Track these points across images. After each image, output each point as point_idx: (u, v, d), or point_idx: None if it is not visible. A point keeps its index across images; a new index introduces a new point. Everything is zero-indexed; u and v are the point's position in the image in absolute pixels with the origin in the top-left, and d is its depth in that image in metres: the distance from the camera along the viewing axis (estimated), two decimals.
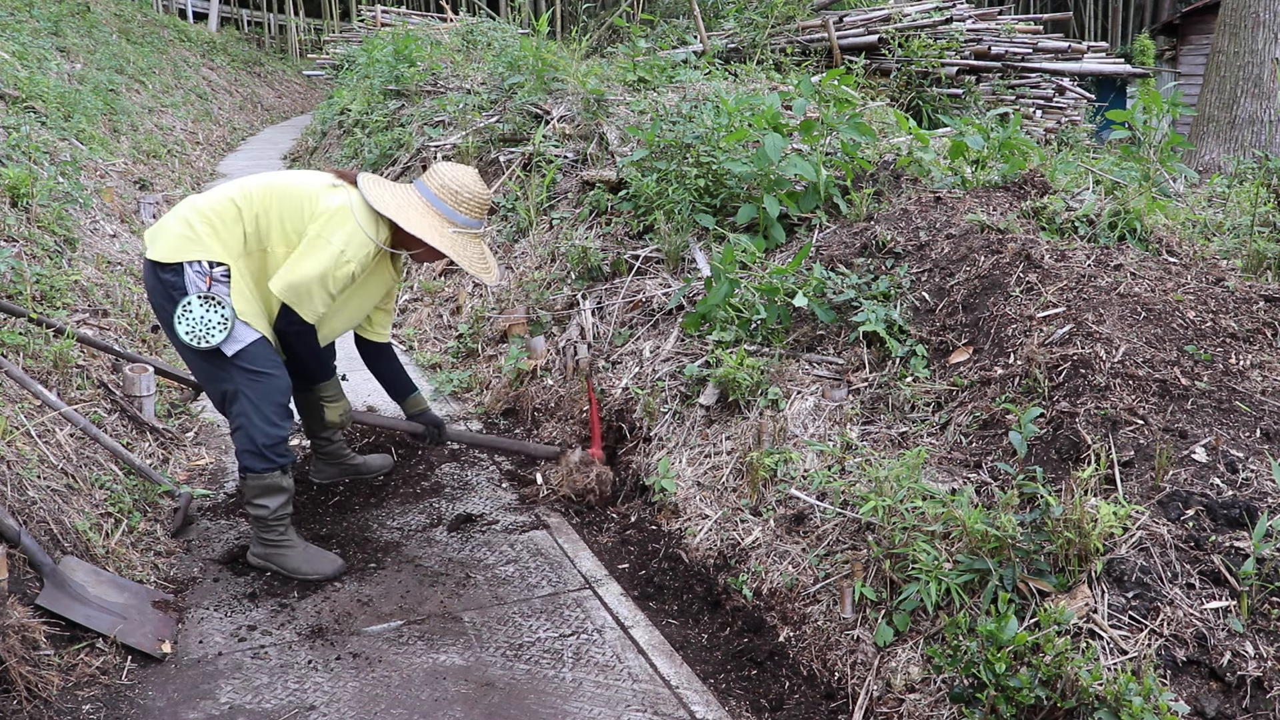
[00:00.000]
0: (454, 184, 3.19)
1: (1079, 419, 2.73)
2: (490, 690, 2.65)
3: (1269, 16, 9.11)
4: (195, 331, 3.00)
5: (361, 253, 3.08)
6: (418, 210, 3.17)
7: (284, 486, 3.17)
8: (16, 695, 2.38)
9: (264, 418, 3.08)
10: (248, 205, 3.09)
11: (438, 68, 9.28)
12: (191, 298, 3.00)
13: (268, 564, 3.22)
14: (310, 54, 21.75)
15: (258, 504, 3.14)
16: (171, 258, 3.02)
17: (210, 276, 3.01)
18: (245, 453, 3.11)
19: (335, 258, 3.03)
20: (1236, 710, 2.07)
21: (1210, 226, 4.44)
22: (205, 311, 2.99)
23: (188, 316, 3.00)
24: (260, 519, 3.16)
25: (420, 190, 3.22)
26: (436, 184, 3.20)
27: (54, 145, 6.54)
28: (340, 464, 3.89)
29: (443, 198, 3.18)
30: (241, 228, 3.08)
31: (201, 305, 3.00)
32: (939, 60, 8.77)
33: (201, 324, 3.00)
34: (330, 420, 3.43)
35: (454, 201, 3.18)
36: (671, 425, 3.82)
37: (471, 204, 3.20)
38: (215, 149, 12.83)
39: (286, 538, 3.22)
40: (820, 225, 4.34)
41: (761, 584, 3.01)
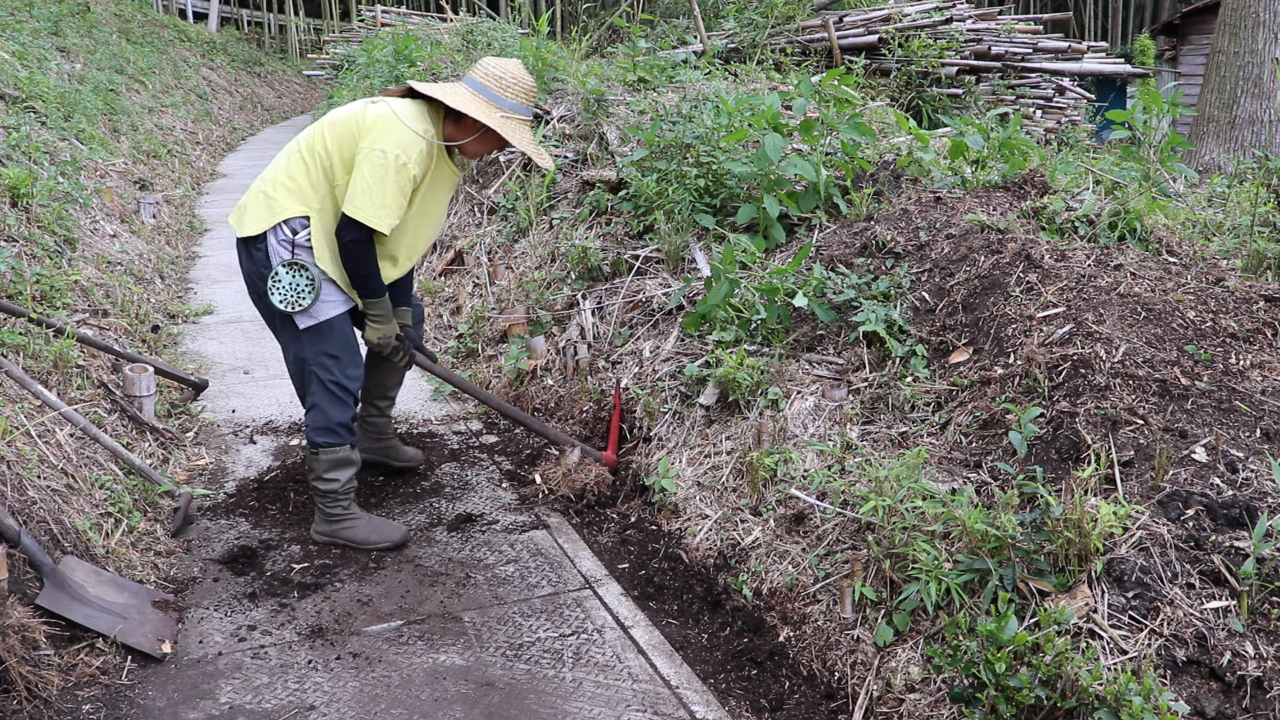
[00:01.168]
0: (498, 70, 3.23)
1: (1079, 419, 2.73)
2: (490, 690, 2.65)
3: (1269, 16, 9.11)
4: (287, 298, 3.15)
5: (414, 151, 3.10)
6: (464, 96, 3.21)
7: (353, 460, 3.35)
8: (16, 695, 2.38)
9: (334, 400, 3.26)
10: (310, 152, 3.19)
11: (438, 68, 9.27)
12: (277, 267, 3.13)
13: (334, 539, 3.36)
14: (310, 54, 21.75)
15: (328, 478, 3.31)
16: (258, 229, 3.16)
17: (293, 242, 3.15)
18: (317, 430, 3.28)
19: (392, 162, 3.07)
20: (1236, 710, 2.07)
21: (1210, 226, 4.44)
22: (292, 277, 3.13)
23: (278, 286, 3.14)
24: (330, 493, 3.33)
25: (467, 82, 3.27)
26: (481, 74, 3.25)
27: (54, 145, 6.54)
28: (377, 441, 3.90)
29: (488, 84, 3.22)
30: (309, 175, 3.17)
31: (288, 272, 3.13)
32: (939, 60, 8.76)
33: (291, 290, 3.14)
34: (367, 339, 3.33)
35: (499, 87, 3.21)
36: (671, 425, 3.82)
37: (517, 89, 3.23)
38: (215, 149, 12.83)
39: (351, 511, 3.38)
40: (820, 225, 4.34)
41: (761, 584, 3.01)
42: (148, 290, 5.90)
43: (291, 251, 3.15)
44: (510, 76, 3.23)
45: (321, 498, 3.36)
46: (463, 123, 3.26)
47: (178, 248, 7.54)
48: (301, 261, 3.14)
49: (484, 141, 3.29)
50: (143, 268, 6.21)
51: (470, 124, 3.24)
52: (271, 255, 3.17)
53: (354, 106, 3.25)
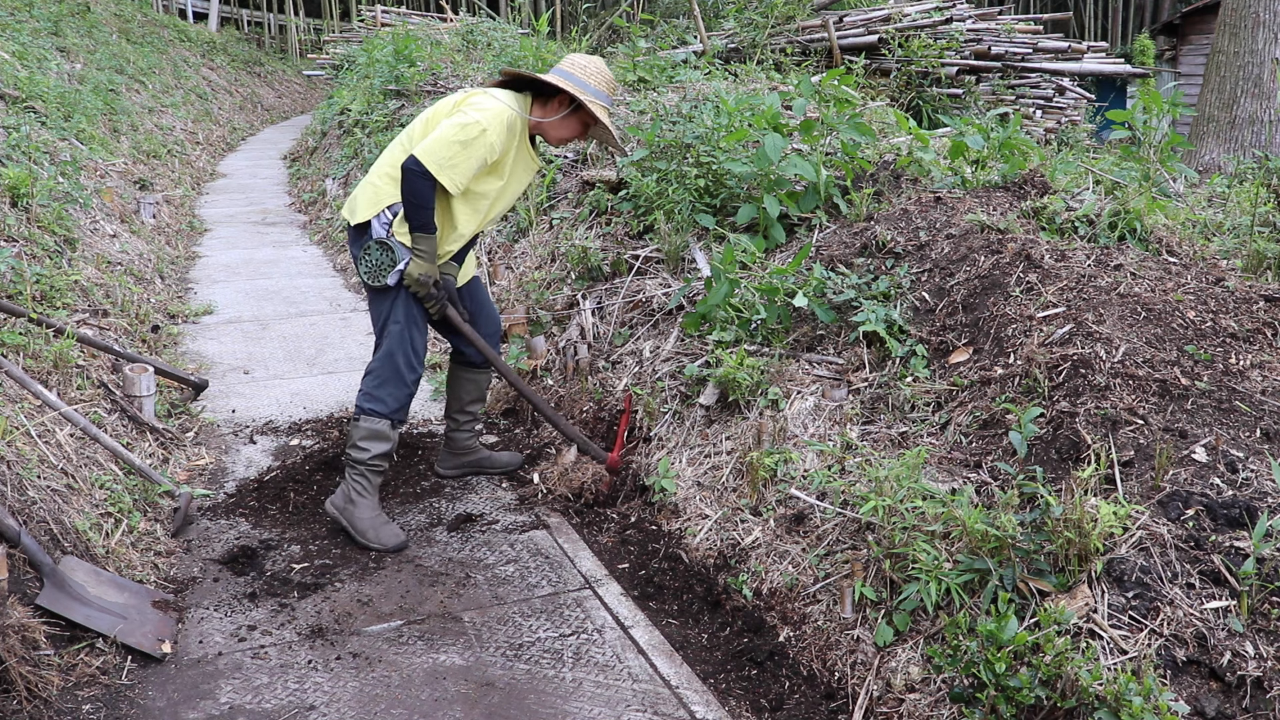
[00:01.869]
0: (583, 61, 3.46)
1: (1079, 419, 2.73)
2: (490, 690, 2.66)
3: (1269, 16, 9.11)
4: (372, 271, 3.31)
5: (498, 120, 3.27)
6: (554, 79, 3.41)
7: (389, 437, 3.43)
8: (16, 695, 2.38)
9: (394, 370, 3.39)
10: (408, 139, 3.38)
11: (438, 68, 9.27)
12: (370, 241, 3.31)
13: (341, 517, 3.45)
14: (310, 54, 21.74)
15: (360, 445, 3.41)
16: (364, 217, 3.36)
17: (391, 224, 3.33)
18: (366, 394, 3.42)
19: (471, 126, 3.22)
20: (1236, 710, 2.07)
21: (1210, 226, 4.44)
22: (380, 254, 3.30)
23: (367, 259, 3.32)
24: (357, 461, 3.42)
25: (555, 72, 3.47)
26: (568, 64, 3.47)
27: (54, 145, 6.54)
28: (464, 457, 3.96)
29: (573, 71, 3.43)
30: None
31: (378, 249, 3.30)
32: (939, 60, 8.76)
33: (376, 265, 3.30)
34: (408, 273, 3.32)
35: (584, 74, 3.43)
36: (671, 425, 3.82)
37: (600, 78, 3.45)
38: (215, 149, 12.83)
39: (366, 494, 3.45)
40: (820, 225, 4.34)
41: (761, 584, 3.01)
42: (148, 290, 5.90)
43: (387, 232, 3.33)
44: (594, 67, 3.47)
45: (350, 466, 3.44)
46: (549, 105, 3.46)
47: (178, 248, 7.54)
48: (390, 242, 3.29)
49: (567, 124, 3.48)
50: (143, 268, 6.21)
51: (556, 106, 3.44)
52: (373, 234, 3.36)
53: (451, 96, 3.46)
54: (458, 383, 3.87)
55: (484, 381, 3.90)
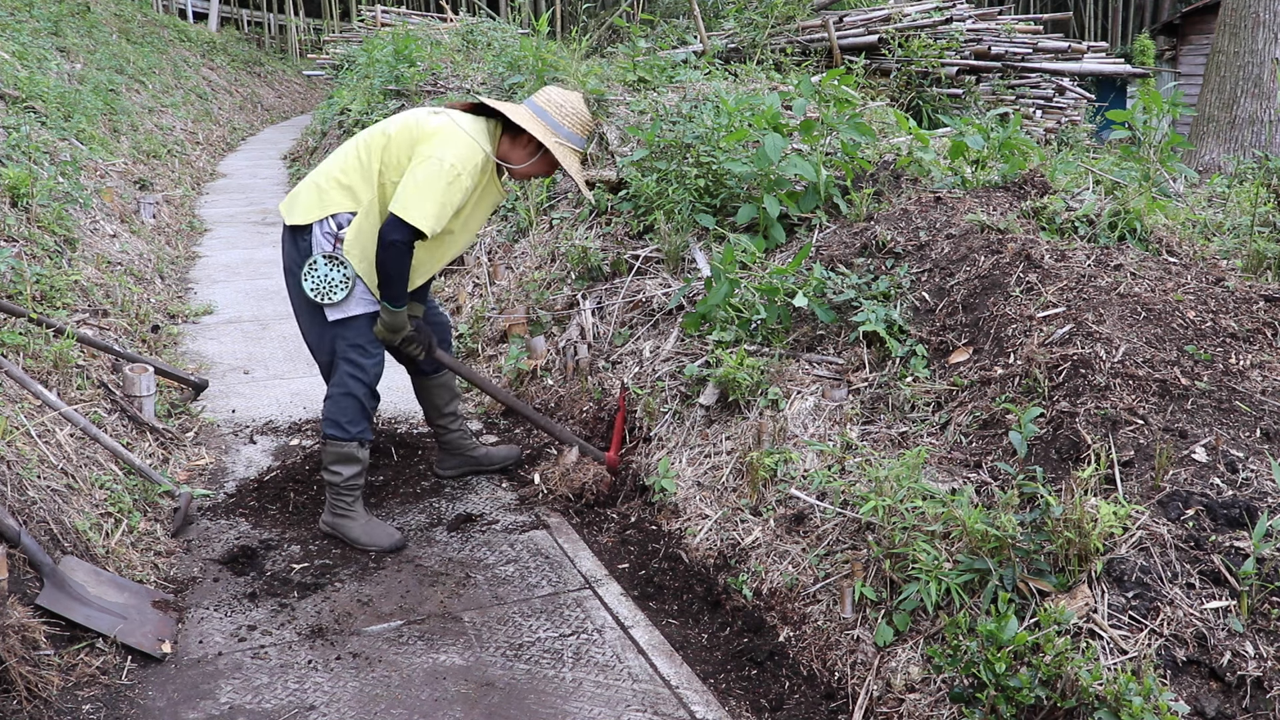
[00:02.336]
0: (559, 99, 3.37)
1: (1079, 419, 2.73)
2: (490, 690, 2.66)
3: (1269, 16, 9.11)
4: (319, 289, 3.22)
5: (470, 164, 3.19)
6: (524, 116, 3.32)
7: (358, 458, 3.40)
8: (16, 695, 2.38)
9: (351, 393, 3.33)
10: (367, 150, 3.27)
11: (438, 68, 9.28)
12: (317, 257, 3.21)
13: (335, 532, 3.45)
14: (310, 54, 21.74)
15: (332, 470, 3.39)
16: (305, 219, 3.24)
17: (337, 236, 3.23)
18: (329, 421, 3.37)
19: (447, 171, 3.14)
20: (1236, 710, 2.07)
21: (1210, 226, 4.44)
22: (329, 270, 3.21)
23: (313, 274, 3.22)
24: (332, 485, 3.40)
25: (528, 104, 3.39)
26: (544, 99, 3.38)
27: (54, 145, 6.54)
28: (461, 455, 3.93)
29: (548, 109, 3.34)
30: (362, 173, 3.25)
31: (326, 264, 3.21)
32: (939, 60, 8.76)
33: (325, 282, 3.22)
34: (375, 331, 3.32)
35: (559, 114, 3.33)
36: (671, 425, 3.82)
37: (575, 119, 3.36)
38: (215, 149, 12.83)
39: (352, 510, 3.43)
40: (820, 225, 4.34)
41: (761, 584, 3.01)
42: (148, 290, 5.90)
43: (334, 245, 3.23)
44: (570, 106, 3.35)
45: (328, 488, 3.43)
46: (518, 140, 3.36)
47: (178, 248, 7.54)
48: (340, 256, 3.22)
49: (536, 164, 3.39)
50: (143, 268, 6.21)
51: (526, 144, 3.35)
52: (315, 246, 3.25)
53: (417, 113, 3.34)
54: (427, 392, 3.81)
55: (451, 381, 3.84)
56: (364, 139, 3.30)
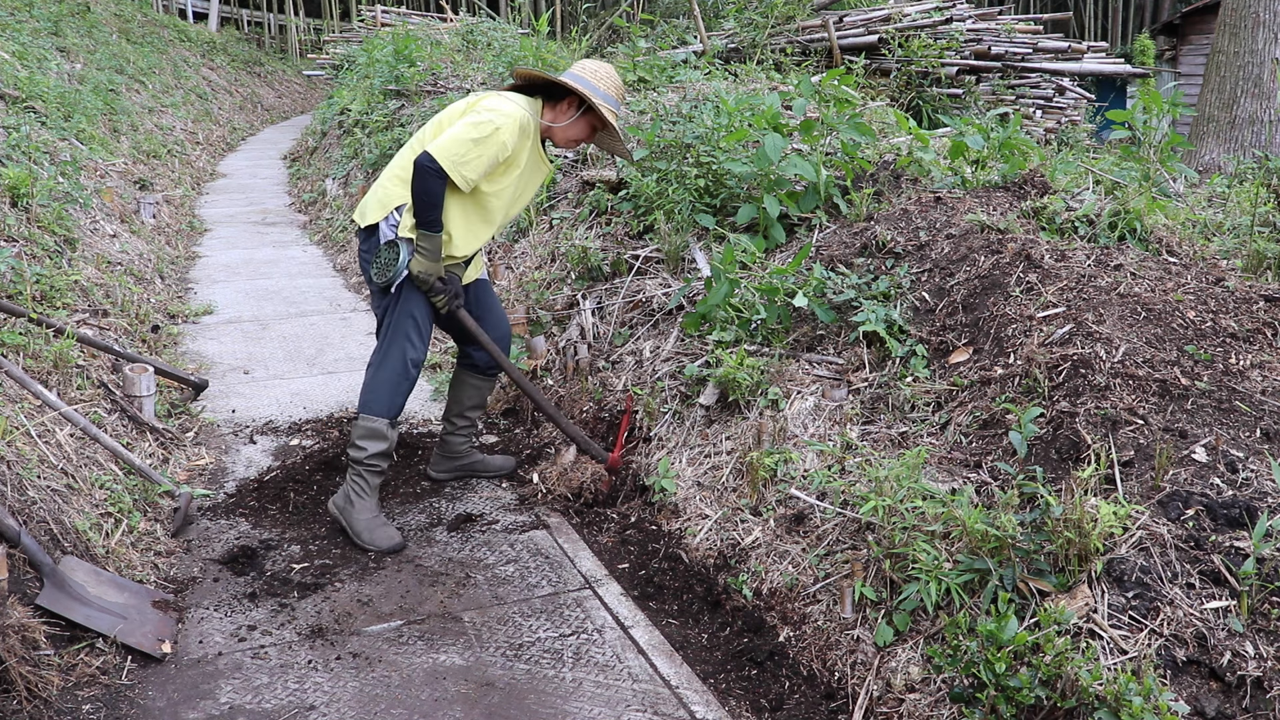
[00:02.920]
0: (593, 67, 3.51)
1: (1079, 419, 2.73)
2: (490, 690, 2.66)
3: (1269, 16, 9.11)
4: (382, 271, 3.34)
5: (510, 120, 3.29)
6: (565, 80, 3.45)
7: (387, 436, 3.44)
8: (16, 695, 2.38)
9: (392, 369, 3.41)
10: (420, 141, 3.40)
11: (438, 68, 9.28)
12: (381, 245, 3.36)
13: (340, 516, 3.48)
14: (310, 54, 21.74)
15: (359, 444, 3.44)
16: (374, 219, 3.39)
17: (398, 224, 3.35)
18: (366, 389, 3.45)
19: (485, 124, 3.25)
20: (1236, 710, 2.07)
21: (1210, 226, 4.44)
22: (389, 253, 3.33)
23: (378, 261, 3.36)
24: (356, 460, 3.45)
25: (566, 75, 3.51)
26: (579, 68, 3.52)
27: (54, 145, 6.54)
28: (457, 460, 3.94)
29: (584, 75, 3.48)
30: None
31: (387, 250, 3.34)
32: (939, 60, 8.76)
33: (386, 264, 3.34)
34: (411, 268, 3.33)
35: (594, 78, 3.47)
36: (671, 425, 3.82)
37: (609, 83, 3.50)
38: (215, 149, 12.83)
39: (365, 495, 3.47)
40: (820, 225, 4.34)
41: (761, 584, 3.01)
42: (148, 290, 5.90)
43: (394, 233, 3.35)
44: (604, 72, 3.51)
45: (350, 466, 3.47)
46: (559, 107, 3.49)
47: (178, 248, 7.54)
48: (399, 243, 3.32)
49: (575, 127, 3.50)
50: (143, 268, 6.21)
51: (565, 107, 3.48)
52: (380, 236, 3.38)
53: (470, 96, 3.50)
54: (461, 387, 3.85)
55: (487, 389, 3.88)
56: (418, 135, 3.45)
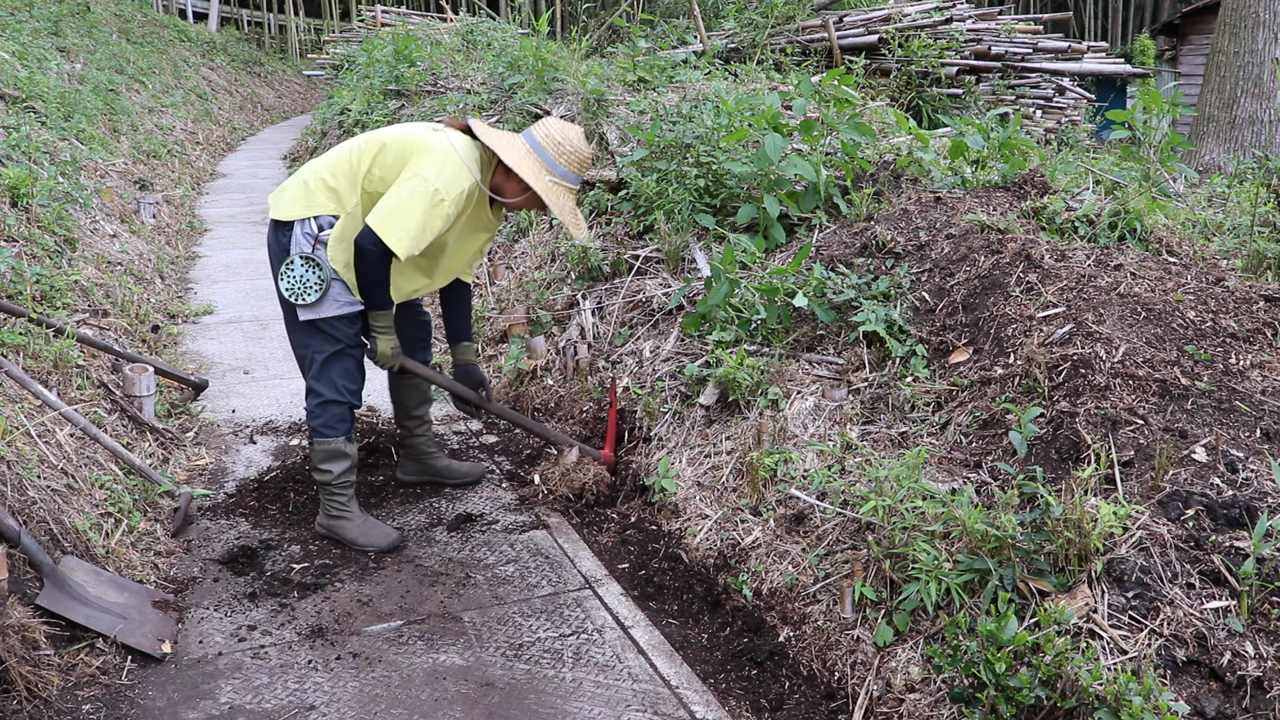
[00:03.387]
0: (558, 135, 3.25)
1: (1079, 419, 2.73)
2: (490, 690, 2.66)
3: (1269, 16, 9.11)
4: (294, 289, 3.19)
5: (456, 190, 3.12)
6: (519, 152, 3.24)
7: (346, 453, 3.37)
8: (16, 695, 2.38)
9: (333, 387, 3.29)
10: (359, 156, 3.22)
11: (438, 68, 9.28)
12: (294, 257, 3.18)
13: (330, 533, 3.44)
14: (310, 54, 21.74)
15: (322, 469, 3.36)
16: (286, 216, 3.23)
17: (316, 238, 3.20)
18: (312, 414, 3.33)
19: (431, 194, 3.08)
20: (1236, 710, 2.07)
21: (1210, 226, 4.44)
22: (305, 271, 3.18)
23: (289, 274, 3.19)
24: (324, 484, 3.38)
25: (525, 137, 3.29)
26: (542, 133, 3.27)
27: (54, 145, 6.54)
28: (423, 463, 3.88)
29: (545, 146, 3.24)
30: (351, 178, 3.22)
31: (302, 265, 3.18)
32: (939, 60, 8.76)
33: (300, 282, 3.19)
34: (379, 351, 3.32)
35: (555, 151, 3.23)
36: (671, 425, 3.82)
37: (572, 157, 3.26)
38: (215, 149, 12.83)
39: (347, 509, 3.42)
40: (820, 225, 4.34)
41: (761, 584, 3.01)
42: (148, 290, 5.90)
43: (312, 246, 3.20)
44: (569, 144, 3.26)
45: (320, 488, 3.42)
46: (511, 177, 3.29)
47: (178, 248, 7.54)
48: (318, 258, 3.18)
49: (527, 200, 3.33)
50: (143, 268, 6.21)
51: (518, 180, 3.27)
52: (293, 245, 3.22)
53: (416, 128, 3.28)
54: (398, 390, 3.78)
55: (425, 384, 3.80)
56: (359, 144, 3.26)
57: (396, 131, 3.27)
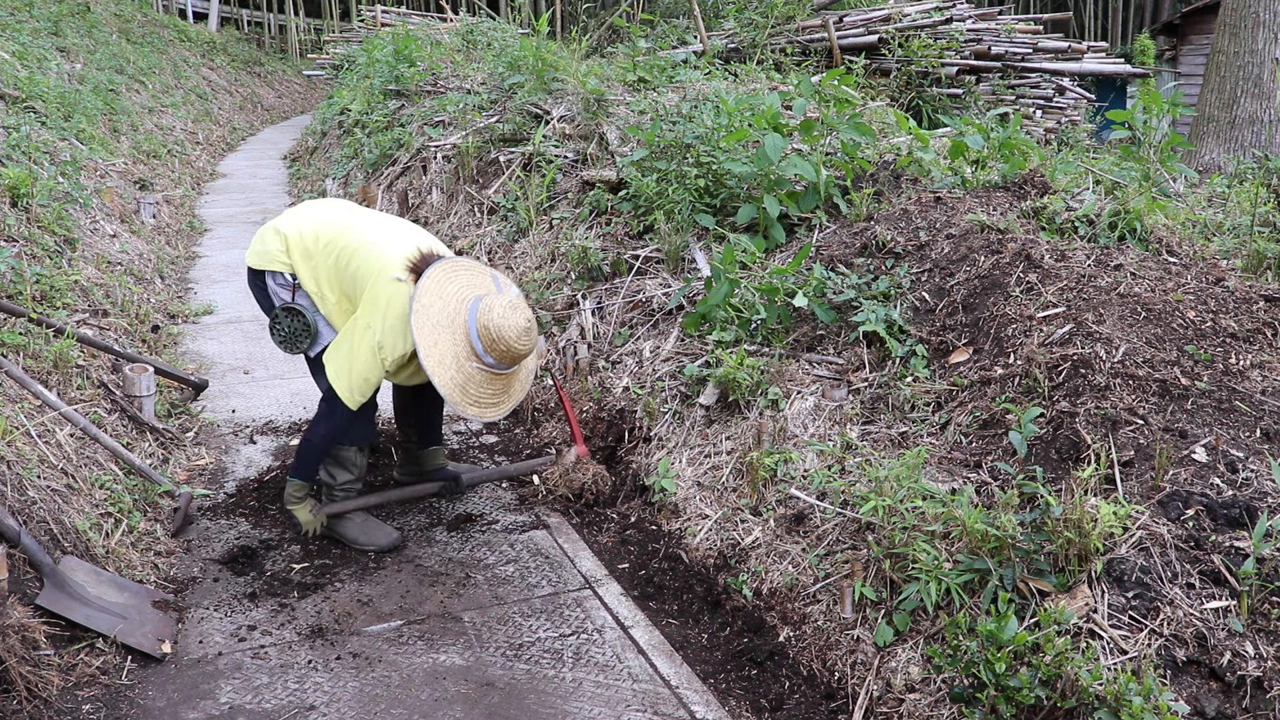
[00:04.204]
0: (497, 330, 3.12)
1: (1079, 419, 2.73)
2: (490, 690, 2.66)
3: (1269, 16, 9.11)
4: (288, 342, 3.35)
5: (395, 353, 3.18)
6: (448, 334, 3.14)
7: (355, 461, 3.44)
8: (16, 695, 2.38)
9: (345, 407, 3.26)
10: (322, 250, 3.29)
11: (438, 68, 9.28)
12: (278, 311, 3.32)
13: (331, 532, 3.47)
14: (310, 54, 21.74)
15: (330, 473, 3.44)
16: (257, 265, 3.38)
17: (292, 288, 3.35)
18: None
19: (374, 347, 3.16)
20: (1236, 710, 2.07)
21: (1210, 226, 4.44)
22: (290, 321, 3.32)
23: (278, 329, 3.34)
24: (328, 487, 3.45)
25: (470, 312, 3.17)
26: (484, 319, 3.14)
27: (54, 145, 6.54)
28: (416, 465, 3.88)
29: (480, 336, 3.14)
30: (312, 261, 3.31)
31: (287, 317, 3.32)
32: (939, 60, 8.76)
33: (290, 335, 3.34)
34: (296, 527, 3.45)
35: (487, 342, 3.13)
36: (671, 425, 3.82)
37: (505, 354, 3.15)
38: (215, 149, 12.83)
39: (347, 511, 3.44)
40: (820, 225, 4.34)
41: (761, 584, 3.01)
42: (148, 290, 5.90)
43: (291, 294, 3.34)
44: (504, 342, 3.12)
45: (324, 490, 3.47)
46: None
47: (178, 248, 7.54)
48: (298, 306, 3.30)
49: None
50: (143, 268, 6.21)
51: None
52: (271, 293, 3.37)
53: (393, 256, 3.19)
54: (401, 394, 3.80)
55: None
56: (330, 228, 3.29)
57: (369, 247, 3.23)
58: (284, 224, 3.38)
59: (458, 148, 6.84)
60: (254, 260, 3.39)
